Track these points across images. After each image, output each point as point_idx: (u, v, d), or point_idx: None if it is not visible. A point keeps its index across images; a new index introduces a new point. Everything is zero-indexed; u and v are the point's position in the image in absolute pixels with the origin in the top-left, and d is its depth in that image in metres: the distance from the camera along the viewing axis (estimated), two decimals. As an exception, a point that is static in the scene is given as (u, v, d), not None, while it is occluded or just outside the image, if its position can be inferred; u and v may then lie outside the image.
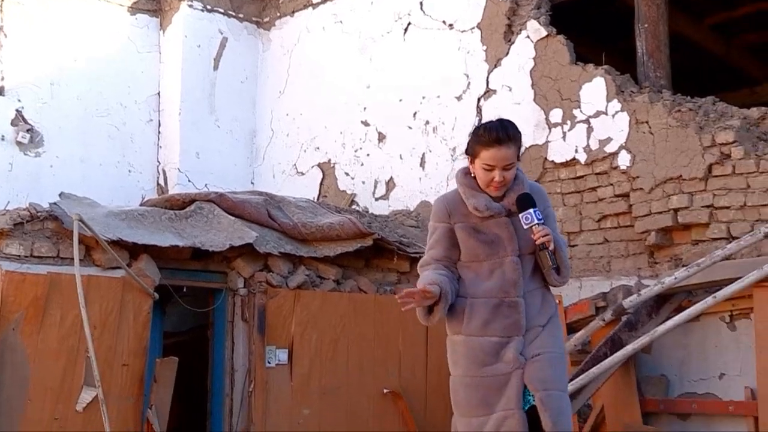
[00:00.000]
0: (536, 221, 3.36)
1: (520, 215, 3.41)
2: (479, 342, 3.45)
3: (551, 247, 3.39)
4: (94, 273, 5.60)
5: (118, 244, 5.62)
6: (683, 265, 5.60)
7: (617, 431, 5.62)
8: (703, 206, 5.86)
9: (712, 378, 5.64)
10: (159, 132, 8.78)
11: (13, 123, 7.73)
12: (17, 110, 7.76)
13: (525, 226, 3.39)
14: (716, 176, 5.83)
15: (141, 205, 6.55)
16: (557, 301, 3.80)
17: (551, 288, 3.61)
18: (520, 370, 3.40)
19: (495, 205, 3.47)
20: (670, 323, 5.32)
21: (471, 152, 3.51)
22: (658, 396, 5.79)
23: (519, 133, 3.50)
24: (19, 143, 7.70)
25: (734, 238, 5.49)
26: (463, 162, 8.12)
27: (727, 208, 5.76)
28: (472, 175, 3.53)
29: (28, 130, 7.71)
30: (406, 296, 3.28)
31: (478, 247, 3.48)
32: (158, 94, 8.81)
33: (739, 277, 5.07)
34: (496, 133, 3.44)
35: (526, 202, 3.42)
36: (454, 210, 3.53)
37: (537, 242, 3.39)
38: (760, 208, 5.61)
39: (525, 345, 3.44)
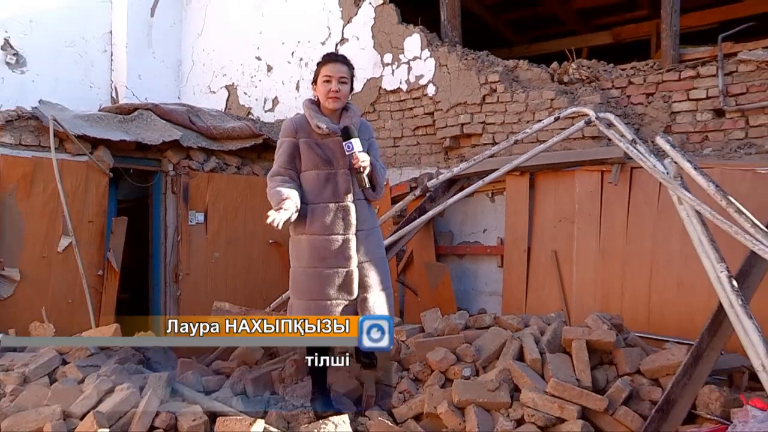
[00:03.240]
0: (355, 150, 3.16)
1: (344, 143, 3.19)
2: (322, 240, 3.18)
3: (366, 171, 3.18)
4: (65, 158, 5.60)
5: (82, 137, 5.59)
6: (465, 161, 5.76)
7: (420, 266, 5.85)
8: (479, 122, 6.03)
9: (479, 232, 5.94)
10: (112, 59, 8.53)
11: (3, 48, 7.45)
12: (5, 38, 7.47)
13: (347, 153, 3.18)
14: (487, 103, 5.99)
15: (99, 111, 6.47)
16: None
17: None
18: (357, 269, 3.21)
19: (333, 126, 3.23)
20: (456, 197, 5.53)
21: (315, 77, 3.31)
22: (446, 244, 6.02)
23: (350, 64, 3.31)
24: (8, 63, 7.46)
25: (496, 144, 5.68)
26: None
27: (493, 123, 5.95)
28: (316, 99, 3.32)
29: (14, 54, 7.43)
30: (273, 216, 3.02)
31: (317, 158, 3.22)
32: (110, 32, 8.57)
33: (498, 169, 5.33)
34: (332, 54, 3.35)
35: (346, 133, 3.19)
36: (300, 128, 3.27)
37: (354, 167, 3.17)
38: (512, 124, 5.82)
39: (358, 244, 3.22)
